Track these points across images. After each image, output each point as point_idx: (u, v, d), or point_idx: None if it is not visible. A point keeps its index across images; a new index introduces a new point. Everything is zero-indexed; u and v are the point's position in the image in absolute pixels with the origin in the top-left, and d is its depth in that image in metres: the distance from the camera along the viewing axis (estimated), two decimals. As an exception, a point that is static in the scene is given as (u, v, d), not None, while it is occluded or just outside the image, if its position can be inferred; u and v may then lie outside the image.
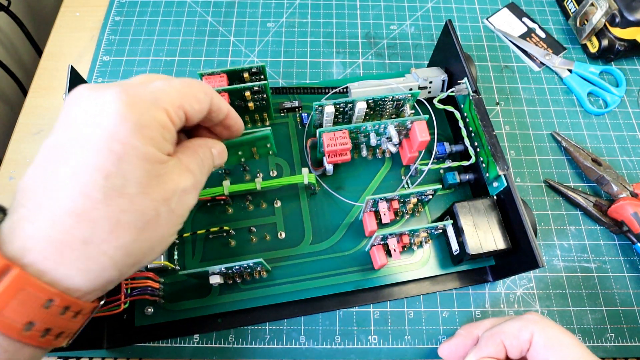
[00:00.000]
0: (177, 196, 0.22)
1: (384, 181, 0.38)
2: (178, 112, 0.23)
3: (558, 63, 0.46)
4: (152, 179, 0.21)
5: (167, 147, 0.22)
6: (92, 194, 0.19)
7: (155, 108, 0.21)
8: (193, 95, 0.24)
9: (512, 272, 0.33)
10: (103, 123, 0.20)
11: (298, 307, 0.34)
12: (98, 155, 0.19)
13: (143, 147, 0.20)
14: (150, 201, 0.21)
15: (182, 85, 0.23)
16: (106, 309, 0.30)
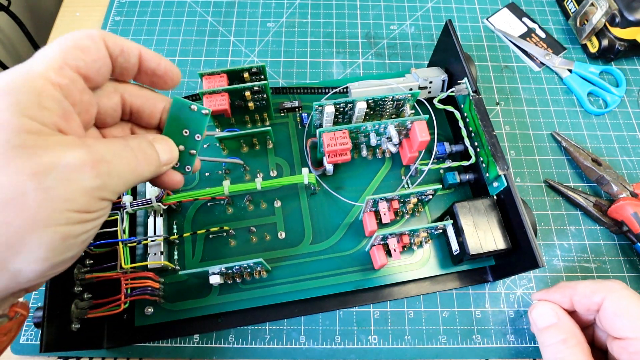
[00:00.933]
0: (58, 172, 0.18)
1: (384, 181, 0.38)
2: (62, 71, 0.19)
3: (558, 63, 0.46)
4: (14, 149, 0.17)
5: (49, 118, 0.18)
6: None
7: (29, 76, 0.18)
8: (73, 45, 0.20)
9: (512, 272, 0.33)
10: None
11: (298, 307, 0.34)
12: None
13: (10, 117, 0.17)
14: (7, 175, 0.17)
15: (57, 42, 0.20)
16: (106, 309, 0.30)
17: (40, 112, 0.18)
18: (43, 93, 0.18)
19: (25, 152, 0.17)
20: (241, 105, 0.37)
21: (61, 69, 0.19)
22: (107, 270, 0.32)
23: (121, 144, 0.21)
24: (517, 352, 0.34)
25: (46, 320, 0.26)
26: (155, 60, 0.24)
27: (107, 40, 0.21)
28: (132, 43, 0.23)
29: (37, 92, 0.18)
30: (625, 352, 0.27)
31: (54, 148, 0.18)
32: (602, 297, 0.28)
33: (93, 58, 0.20)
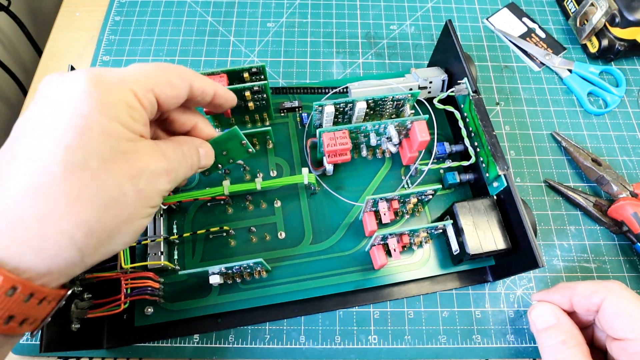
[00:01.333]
0: (146, 176, 0.21)
1: (384, 181, 0.38)
2: (147, 95, 0.22)
3: (558, 63, 0.46)
4: (117, 155, 0.20)
5: (136, 127, 0.22)
6: (50, 167, 0.18)
7: (121, 87, 0.21)
8: (166, 80, 0.23)
9: (512, 272, 0.33)
10: (67, 100, 0.20)
11: (298, 307, 0.34)
12: (58, 129, 0.19)
13: (107, 122, 0.20)
14: (114, 177, 0.20)
15: (154, 69, 0.23)
16: (106, 309, 0.30)
17: (132, 123, 0.21)
18: (134, 106, 0.22)
19: (125, 158, 0.20)
20: (241, 105, 0.37)
21: (148, 92, 0.23)
22: (107, 270, 0.32)
23: (181, 151, 0.25)
24: (517, 352, 0.34)
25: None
26: (225, 97, 0.28)
27: (194, 83, 0.25)
28: (211, 84, 0.27)
29: (130, 105, 0.21)
30: (625, 352, 0.27)
31: (143, 154, 0.22)
32: (602, 297, 0.28)
33: (175, 95, 0.24)
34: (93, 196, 0.19)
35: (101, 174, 0.19)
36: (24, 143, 0.19)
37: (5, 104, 0.53)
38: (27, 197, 0.18)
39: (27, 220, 0.18)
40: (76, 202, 0.19)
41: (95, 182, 0.19)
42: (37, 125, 0.20)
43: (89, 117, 0.19)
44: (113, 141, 0.20)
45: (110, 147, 0.20)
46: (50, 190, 0.18)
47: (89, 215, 0.19)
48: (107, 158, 0.20)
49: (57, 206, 0.18)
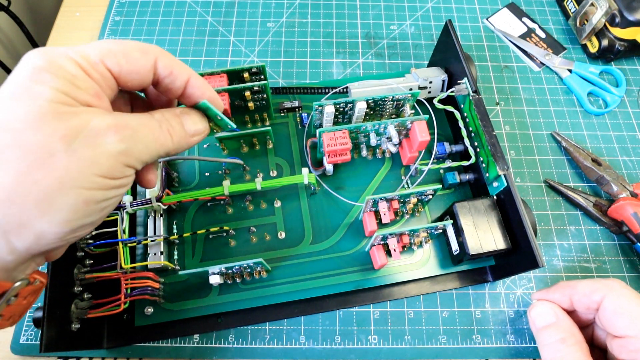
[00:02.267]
0: (84, 135, 0.19)
1: (384, 181, 0.38)
2: (96, 66, 0.21)
3: (558, 63, 0.46)
4: (48, 114, 0.18)
5: (80, 95, 0.20)
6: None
7: (64, 58, 0.20)
8: (122, 52, 0.22)
9: (512, 272, 0.33)
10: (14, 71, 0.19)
11: (298, 307, 0.34)
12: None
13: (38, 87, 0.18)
14: (39, 135, 0.18)
15: (109, 43, 0.22)
16: (106, 309, 0.30)
17: (74, 90, 0.19)
18: (76, 75, 0.20)
19: (56, 117, 0.18)
20: (241, 105, 0.37)
21: (96, 64, 0.21)
22: (107, 270, 0.32)
23: (146, 115, 0.22)
24: (517, 352, 0.34)
25: (46, 320, 0.26)
26: (202, 90, 0.25)
27: (160, 59, 0.23)
28: (184, 68, 0.24)
29: (72, 73, 0.20)
30: (625, 350, 0.27)
31: (83, 114, 0.19)
32: (602, 295, 0.28)
33: (132, 69, 0.22)
34: (11, 157, 0.17)
35: (25, 134, 0.18)
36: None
37: (5, 104, 0.53)
38: None
39: None
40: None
41: (15, 142, 0.17)
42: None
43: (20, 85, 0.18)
44: (41, 102, 0.18)
45: (38, 107, 0.18)
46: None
47: (8, 178, 0.17)
48: (35, 118, 0.18)
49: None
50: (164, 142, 0.23)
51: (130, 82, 0.22)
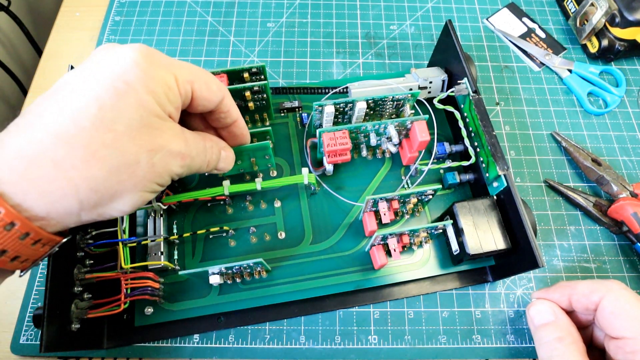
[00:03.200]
0: (162, 154, 0.22)
1: (384, 181, 0.38)
2: (185, 85, 0.24)
3: (558, 63, 0.46)
4: (143, 126, 0.21)
5: (168, 107, 0.23)
6: (80, 120, 0.19)
7: (167, 70, 0.23)
8: (205, 80, 0.25)
9: (512, 272, 0.33)
10: (115, 64, 0.21)
11: (298, 307, 0.34)
12: (99, 87, 0.20)
13: (144, 94, 0.21)
14: (134, 145, 0.21)
15: (198, 69, 0.25)
16: (106, 309, 0.30)
17: (166, 102, 0.22)
18: (172, 88, 0.23)
19: (149, 131, 0.21)
20: (241, 105, 0.37)
21: (187, 83, 0.24)
22: (107, 270, 0.32)
23: (203, 144, 0.26)
24: (517, 352, 0.34)
25: (46, 320, 0.26)
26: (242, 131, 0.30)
27: (226, 99, 0.27)
28: (237, 111, 0.29)
29: (169, 86, 0.23)
30: (622, 351, 0.27)
31: (166, 133, 0.22)
32: (600, 296, 0.28)
33: (208, 98, 0.25)
34: (109, 156, 0.20)
35: (123, 139, 0.20)
36: (63, 93, 0.20)
37: (5, 104, 0.53)
38: (50, 141, 0.19)
39: (42, 161, 0.19)
40: (92, 157, 0.20)
41: (115, 144, 0.20)
42: (80, 81, 0.21)
43: (130, 85, 0.21)
44: (144, 112, 0.21)
45: (140, 117, 0.21)
46: (73, 139, 0.19)
47: (99, 173, 0.20)
48: (133, 126, 0.21)
49: (74, 155, 0.19)
50: (200, 168, 0.26)
51: (199, 107, 0.26)
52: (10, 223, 0.19)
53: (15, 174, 0.19)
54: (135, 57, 0.21)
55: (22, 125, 0.20)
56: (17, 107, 0.53)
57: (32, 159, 0.19)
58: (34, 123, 0.20)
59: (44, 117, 0.20)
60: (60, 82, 0.22)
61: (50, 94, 0.21)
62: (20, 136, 0.19)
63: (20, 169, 0.19)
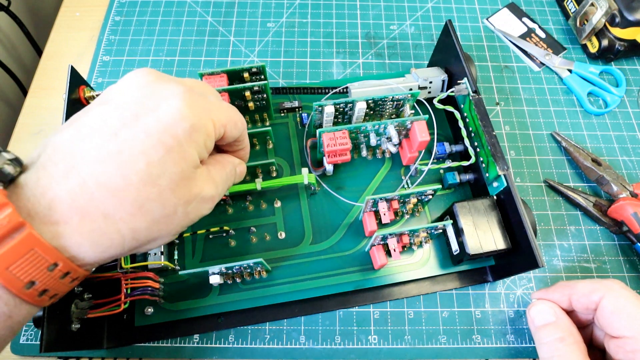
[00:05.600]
0: (197, 202, 0.23)
1: (384, 181, 0.38)
2: (220, 129, 0.24)
3: (558, 63, 0.46)
4: (183, 179, 0.22)
5: (204, 155, 0.24)
6: (129, 175, 0.20)
7: (208, 117, 0.23)
8: (234, 120, 0.26)
9: (512, 272, 0.33)
10: (163, 114, 0.21)
11: (298, 307, 0.34)
12: (148, 142, 0.20)
13: (188, 148, 0.22)
14: (174, 198, 0.22)
15: (229, 109, 0.26)
16: (106, 309, 0.30)
17: (204, 150, 0.23)
18: (210, 136, 0.23)
19: (187, 183, 0.22)
20: (241, 105, 0.37)
21: (222, 126, 0.25)
22: (107, 270, 0.32)
23: (225, 175, 0.27)
24: (517, 352, 0.34)
25: (46, 320, 0.26)
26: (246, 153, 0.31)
27: (244, 130, 0.28)
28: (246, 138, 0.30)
29: (208, 134, 0.23)
30: (622, 350, 0.27)
31: (199, 181, 0.23)
32: (601, 296, 0.28)
33: (235, 135, 0.26)
34: (152, 210, 0.21)
35: (165, 193, 0.21)
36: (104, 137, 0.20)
37: (5, 104, 0.53)
38: (101, 194, 0.19)
39: (95, 215, 0.19)
40: (138, 211, 0.20)
41: (158, 199, 0.21)
42: (124, 127, 0.20)
43: (177, 140, 0.21)
44: (185, 166, 0.22)
45: (181, 170, 0.21)
46: (122, 194, 0.20)
47: (143, 225, 0.21)
48: (175, 180, 0.21)
49: (123, 210, 0.20)
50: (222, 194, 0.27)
51: (223, 142, 0.27)
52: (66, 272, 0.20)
53: (70, 227, 0.19)
54: (181, 107, 0.21)
55: (64, 168, 0.20)
56: (17, 107, 0.53)
57: (85, 212, 0.19)
58: (79, 169, 0.19)
59: (89, 164, 0.20)
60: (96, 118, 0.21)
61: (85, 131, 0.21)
62: (69, 182, 0.19)
63: (75, 222, 0.19)
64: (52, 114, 0.43)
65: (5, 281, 0.18)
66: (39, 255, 0.18)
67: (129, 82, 0.22)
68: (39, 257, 0.19)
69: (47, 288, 0.20)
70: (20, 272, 0.18)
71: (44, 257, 0.19)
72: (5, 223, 0.18)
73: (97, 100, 0.23)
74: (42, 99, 0.44)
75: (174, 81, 0.23)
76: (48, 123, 0.43)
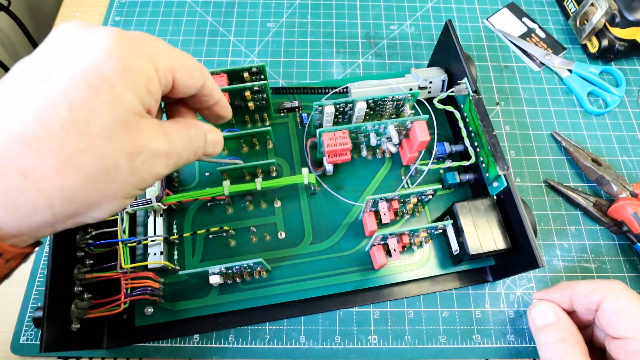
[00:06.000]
0: (144, 155, 0.20)
1: (384, 181, 0.38)
2: (166, 74, 0.21)
3: (558, 63, 0.46)
4: (120, 127, 0.18)
5: (148, 101, 0.20)
6: (49, 122, 0.17)
7: (146, 58, 0.20)
8: (187, 67, 0.22)
9: (512, 272, 0.33)
10: (87, 53, 0.18)
11: (298, 307, 0.34)
12: (70, 83, 0.17)
13: (121, 89, 0.18)
14: (112, 149, 0.18)
15: (179, 53, 0.23)
16: (106, 309, 0.30)
17: (146, 95, 0.20)
18: (152, 80, 0.20)
19: (127, 131, 0.19)
20: (241, 105, 0.37)
21: (168, 71, 0.21)
22: (107, 270, 0.32)
23: (188, 135, 0.23)
24: (517, 352, 0.34)
25: (46, 320, 0.26)
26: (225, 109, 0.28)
27: (207, 82, 0.24)
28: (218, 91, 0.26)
29: (149, 77, 0.20)
30: (623, 351, 0.27)
31: (147, 131, 0.20)
32: (601, 296, 0.28)
33: (190, 85, 0.23)
34: (84, 163, 0.18)
35: (99, 142, 0.18)
36: (24, 87, 0.17)
37: (5, 104, 0.53)
38: (17, 147, 0.17)
39: (9, 172, 0.17)
40: (65, 165, 0.17)
41: (90, 149, 0.18)
42: (44, 73, 0.18)
43: (106, 80, 0.18)
44: (121, 110, 0.18)
45: (116, 116, 0.18)
46: (42, 145, 0.17)
47: (75, 182, 0.18)
48: (110, 127, 0.18)
49: (45, 163, 0.17)
50: (187, 160, 0.24)
51: (179, 94, 0.23)
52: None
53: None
54: (108, 44, 0.18)
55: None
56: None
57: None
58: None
59: (4, 117, 0.17)
60: (17, 70, 0.18)
61: (7, 86, 0.18)
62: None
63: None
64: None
65: None
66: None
67: (55, 30, 0.20)
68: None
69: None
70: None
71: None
72: None
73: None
74: (42, 99, 0.44)
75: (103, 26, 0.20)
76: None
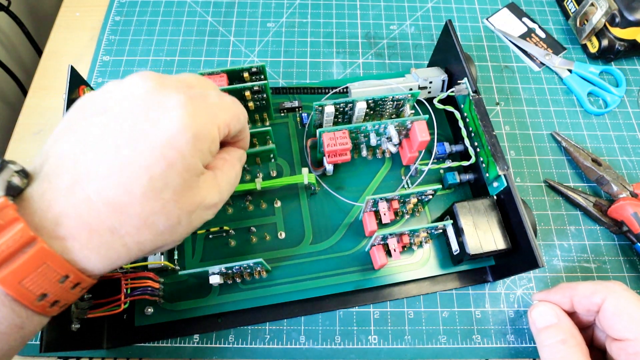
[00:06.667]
0: (200, 210, 0.23)
1: (384, 181, 0.38)
2: (225, 129, 0.24)
3: (558, 63, 0.46)
4: (186, 189, 0.22)
5: (209, 160, 0.23)
6: (133, 190, 0.20)
7: (212, 124, 0.23)
8: (237, 115, 0.25)
9: (512, 272, 0.33)
10: (165, 126, 0.21)
11: (298, 307, 0.34)
12: (150, 156, 0.20)
13: (191, 158, 0.21)
14: (177, 209, 0.21)
15: (232, 104, 0.25)
16: (106, 309, 0.30)
17: (208, 156, 0.23)
18: (215, 141, 0.23)
19: (190, 192, 0.22)
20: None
21: (226, 126, 0.24)
22: (107, 270, 0.32)
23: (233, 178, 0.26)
24: (517, 352, 0.34)
25: (46, 320, 0.26)
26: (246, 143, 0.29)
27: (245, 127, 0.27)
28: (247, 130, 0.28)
29: (213, 140, 0.23)
30: (624, 353, 0.27)
31: (203, 190, 0.23)
32: (602, 297, 0.28)
33: (238, 130, 0.26)
34: (157, 222, 0.21)
35: (169, 205, 0.21)
36: (108, 150, 0.20)
37: (5, 104, 0.53)
38: (107, 210, 0.20)
39: (102, 230, 0.20)
40: (144, 225, 0.21)
41: (162, 211, 0.21)
42: (126, 139, 0.20)
43: (180, 152, 0.21)
44: (188, 176, 0.21)
45: (184, 181, 0.21)
46: (127, 209, 0.20)
47: (148, 237, 0.21)
48: (178, 192, 0.21)
49: (129, 224, 0.20)
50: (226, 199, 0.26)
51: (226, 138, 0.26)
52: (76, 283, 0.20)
53: (78, 242, 0.19)
54: (182, 117, 0.21)
55: (68, 181, 0.20)
56: (17, 107, 0.53)
57: (92, 228, 0.20)
58: (83, 185, 0.20)
59: (93, 179, 0.20)
60: (97, 129, 0.21)
61: (88, 140, 0.20)
62: (74, 198, 0.19)
63: (84, 238, 0.20)
64: (52, 114, 0.43)
65: (19, 295, 0.19)
66: (50, 269, 0.19)
67: (128, 89, 0.22)
68: (51, 270, 0.19)
69: (58, 299, 0.20)
70: (33, 285, 0.19)
71: (55, 270, 0.19)
72: (17, 238, 0.18)
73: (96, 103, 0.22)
74: (42, 99, 0.44)
75: (174, 88, 0.22)
76: (48, 123, 0.43)
